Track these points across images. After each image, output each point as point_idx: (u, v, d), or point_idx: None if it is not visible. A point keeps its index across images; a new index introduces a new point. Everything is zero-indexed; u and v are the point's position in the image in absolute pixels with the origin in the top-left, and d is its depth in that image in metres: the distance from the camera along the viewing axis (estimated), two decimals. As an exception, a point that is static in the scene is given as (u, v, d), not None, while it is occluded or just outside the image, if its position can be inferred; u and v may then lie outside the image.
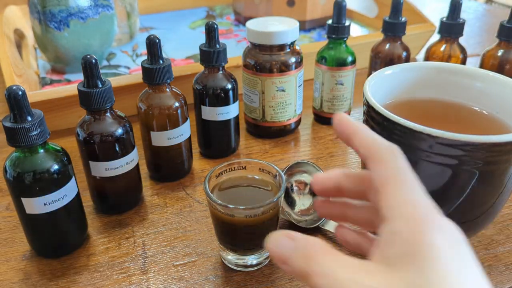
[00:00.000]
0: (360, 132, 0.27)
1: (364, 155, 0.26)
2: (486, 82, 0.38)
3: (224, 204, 0.32)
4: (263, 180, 0.38)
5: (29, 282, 0.37)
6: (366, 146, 0.26)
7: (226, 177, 0.38)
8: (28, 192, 0.35)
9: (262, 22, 0.53)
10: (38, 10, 0.66)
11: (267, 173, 0.37)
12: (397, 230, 0.23)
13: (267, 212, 0.33)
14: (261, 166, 0.37)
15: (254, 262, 0.37)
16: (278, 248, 0.24)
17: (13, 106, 0.32)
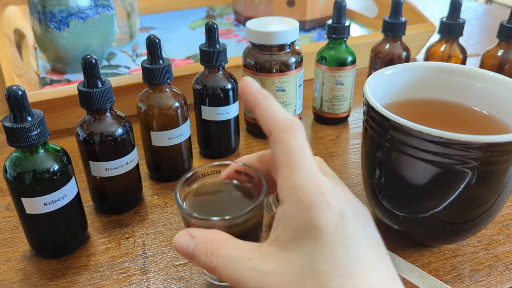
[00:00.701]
0: (262, 105, 0.26)
1: (266, 131, 0.26)
2: (486, 82, 0.38)
3: (201, 217, 0.27)
4: (240, 185, 0.33)
5: (29, 282, 0.37)
6: (266, 122, 0.26)
7: (200, 183, 0.33)
8: (28, 192, 0.35)
9: (262, 22, 0.53)
10: (38, 10, 0.66)
11: (244, 176, 0.32)
12: (288, 214, 0.24)
13: (250, 220, 0.29)
14: (238, 169, 0.32)
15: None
16: (182, 246, 0.25)
17: (13, 106, 0.32)
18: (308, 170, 0.24)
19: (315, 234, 0.23)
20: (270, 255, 0.24)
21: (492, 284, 0.35)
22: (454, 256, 0.38)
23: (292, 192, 0.24)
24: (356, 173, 0.49)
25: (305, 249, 0.23)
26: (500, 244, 0.39)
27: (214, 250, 0.24)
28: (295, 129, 0.25)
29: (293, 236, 0.23)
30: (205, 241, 0.25)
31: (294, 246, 0.23)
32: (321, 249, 0.22)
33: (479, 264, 0.37)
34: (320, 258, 0.22)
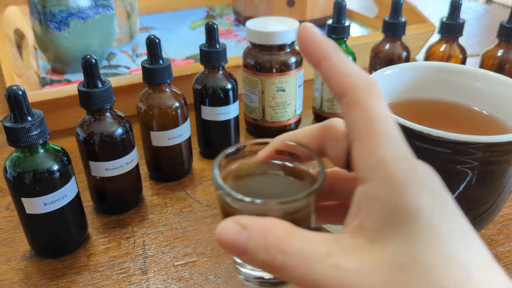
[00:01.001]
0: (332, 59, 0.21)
1: (336, 92, 0.21)
2: (486, 82, 0.38)
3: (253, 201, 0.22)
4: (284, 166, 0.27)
5: (29, 282, 0.37)
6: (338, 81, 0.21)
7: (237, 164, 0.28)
8: (28, 192, 0.35)
9: (262, 22, 0.53)
10: (38, 10, 0.66)
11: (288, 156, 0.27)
12: (375, 195, 0.19)
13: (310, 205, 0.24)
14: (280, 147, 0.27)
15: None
16: (230, 239, 0.20)
17: (13, 106, 0.32)
18: (396, 141, 0.20)
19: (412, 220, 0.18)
20: (356, 249, 0.19)
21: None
22: (454, 256, 0.38)
23: (378, 168, 0.19)
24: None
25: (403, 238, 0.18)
26: (500, 244, 0.39)
27: (279, 244, 0.19)
28: (377, 91, 0.20)
29: (384, 222, 0.19)
30: (263, 232, 0.19)
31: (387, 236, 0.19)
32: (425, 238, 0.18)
33: (479, 264, 0.37)
34: (425, 250, 0.18)
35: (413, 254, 0.18)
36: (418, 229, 0.18)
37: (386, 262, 0.18)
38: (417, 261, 0.18)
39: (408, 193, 0.18)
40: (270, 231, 0.19)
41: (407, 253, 0.18)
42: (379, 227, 0.19)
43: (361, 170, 0.20)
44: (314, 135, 0.25)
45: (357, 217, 0.20)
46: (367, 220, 0.19)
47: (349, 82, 0.20)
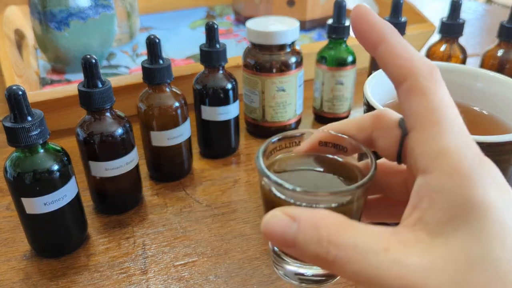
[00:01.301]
0: (390, 42, 0.20)
1: (394, 77, 0.20)
2: (486, 82, 0.38)
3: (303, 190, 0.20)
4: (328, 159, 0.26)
5: (29, 282, 0.37)
6: (398, 65, 0.19)
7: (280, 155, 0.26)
8: (28, 192, 0.35)
9: (262, 22, 0.53)
10: (39, 10, 0.66)
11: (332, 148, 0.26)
12: (438, 187, 0.18)
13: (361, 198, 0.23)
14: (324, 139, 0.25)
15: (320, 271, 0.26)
16: (278, 230, 0.18)
17: (13, 106, 0.32)
18: (461, 130, 0.18)
19: (481, 213, 0.17)
20: (417, 244, 0.18)
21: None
22: (454, 256, 0.38)
23: (442, 159, 0.18)
24: (356, 173, 0.49)
25: (470, 233, 0.17)
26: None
27: (332, 236, 0.18)
28: (439, 77, 0.19)
29: (448, 216, 0.17)
30: (314, 224, 0.18)
31: (452, 230, 0.17)
32: (495, 233, 0.17)
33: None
34: (495, 245, 0.17)
35: (482, 249, 0.17)
36: (488, 223, 0.17)
37: (452, 259, 0.17)
38: (486, 257, 0.17)
39: (477, 186, 0.17)
40: (322, 222, 0.18)
41: (476, 249, 0.17)
42: (443, 221, 0.18)
43: (422, 160, 0.19)
44: (362, 125, 0.24)
45: (417, 209, 0.18)
46: (429, 213, 0.18)
47: (409, 67, 0.19)
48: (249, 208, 0.45)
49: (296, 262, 0.25)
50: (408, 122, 0.20)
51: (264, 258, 0.38)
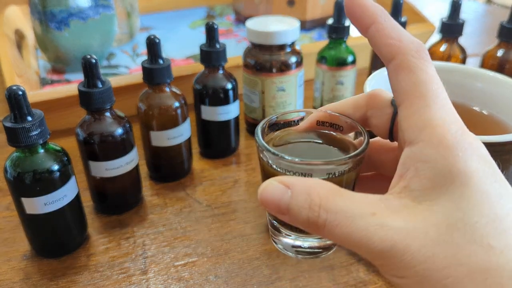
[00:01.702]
0: (381, 22, 0.21)
1: (384, 56, 0.21)
2: (486, 82, 0.38)
3: (298, 160, 0.22)
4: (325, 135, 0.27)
5: (29, 282, 0.37)
6: (387, 43, 0.21)
7: (278, 133, 0.28)
8: (28, 192, 0.35)
9: (262, 21, 0.53)
10: (39, 10, 0.66)
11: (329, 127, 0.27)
12: (423, 157, 0.19)
13: (353, 170, 0.24)
14: (321, 118, 0.27)
15: (316, 244, 0.27)
16: (273, 197, 0.20)
17: (13, 106, 0.32)
18: (446, 104, 0.20)
19: (462, 181, 0.18)
20: (402, 209, 0.19)
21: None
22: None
23: (427, 130, 0.19)
24: (356, 173, 0.49)
25: (451, 199, 0.18)
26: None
27: (322, 202, 0.19)
28: (426, 54, 0.20)
29: (432, 184, 0.19)
30: (307, 191, 0.19)
31: (435, 196, 0.18)
32: (474, 199, 0.18)
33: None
34: (474, 211, 0.18)
35: (462, 215, 0.18)
36: (469, 191, 0.18)
37: (433, 222, 0.18)
38: (466, 221, 0.18)
39: (459, 157, 0.18)
40: (314, 190, 0.19)
41: (456, 214, 0.18)
42: (427, 188, 0.19)
43: (409, 132, 0.20)
44: (357, 104, 0.25)
45: (403, 178, 0.20)
46: (414, 181, 0.19)
47: (398, 45, 0.20)
48: (249, 208, 0.45)
49: (292, 234, 0.26)
50: (397, 98, 0.21)
51: (264, 258, 0.38)
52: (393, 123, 0.23)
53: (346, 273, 0.37)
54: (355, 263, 0.38)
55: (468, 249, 0.17)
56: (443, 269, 0.17)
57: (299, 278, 0.36)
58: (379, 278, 0.36)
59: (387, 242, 0.18)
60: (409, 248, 0.18)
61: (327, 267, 0.37)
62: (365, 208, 0.19)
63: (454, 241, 0.18)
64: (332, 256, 0.38)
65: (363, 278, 0.36)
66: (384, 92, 0.24)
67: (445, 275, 0.17)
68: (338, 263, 0.38)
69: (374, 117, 0.24)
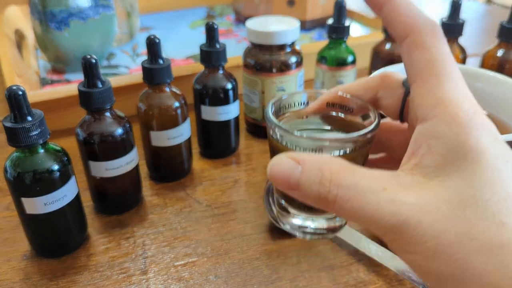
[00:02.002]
0: (396, 0, 0.21)
1: (398, 34, 0.21)
2: (486, 82, 0.38)
3: (309, 136, 0.22)
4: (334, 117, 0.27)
5: (29, 282, 0.37)
6: (401, 22, 0.21)
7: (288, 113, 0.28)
8: (28, 192, 0.35)
9: (262, 21, 0.53)
10: (39, 10, 0.66)
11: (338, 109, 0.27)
12: (435, 133, 0.19)
13: (364, 148, 0.24)
14: (331, 100, 0.26)
15: (325, 225, 0.27)
16: (283, 172, 0.19)
17: (13, 106, 0.32)
18: (459, 82, 0.20)
19: (474, 158, 0.18)
20: (414, 185, 0.19)
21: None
22: (454, 256, 0.38)
23: (440, 107, 0.19)
24: (356, 173, 0.49)
25: (463, 176, 0.18)
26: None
27: (333, 177, 0.19)
28: (440, 33, 0.21)
29: (444, 160, 0.19)
30: (318, 166, 0.19)
31: (447, 173, 0.18)
32: (486, 176, 0.18)
33: (479, 264, 0.37)
34: (486, 188, 0.18)
35: (474, 191, 0.18)
36: (481, 168, 0.18)
37: (445, 198, 0.18)
38: (478, 198, 0.18)
39: (472, 134, 0.18)
40: (325, 165, 0.19)
41: (468, 190, 0.18)
42: (439, 165, 0.19)
43: (421, 109, 0.20)
44: (368, 85, 0.25)
45: (415, 155, 0.20)
46: (426, 158, 0.19)
47: (412, 23, 0.21)
48: (249, 208, 0.45)
49: (300, 214, 0.26)
50: (410, 76, 0.21)
51: (264, 258, 0.38)
52: (404, 104, 0.24)
53: (346, 273, 0.37)
54: (355, 263, 0.38)
55: (480, 225, 0.17)
56: (454, 244, 0.17)
57: (299, 278, 0.36)
58: (379, 278, 0.36)
59: (399, 217, 0.18)
60: (420, 223, 0.18)
61: (327, 267, 0.37)
62: (377, 184, 0.19)
63: (466, 217, 0.18)
64: (332, 256, 0.38)
65: (363, 278, 0.36)
66: (395, 73, 0.24)
67: (457, 250, 0.17)
68: (338, 263, 0.38)
69: (385, 98, 0.24)
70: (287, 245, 0.40)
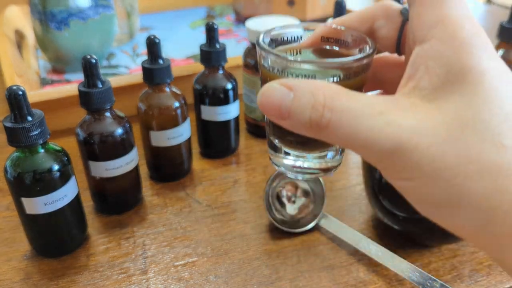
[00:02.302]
0: None
1: None
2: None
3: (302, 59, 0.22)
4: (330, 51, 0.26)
5: (29, 281, 0.37)
6: None
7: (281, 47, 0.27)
8: (28, 192, 0.35)
9: (262, 21, 0.53)
10: (39, 10, 0.66)
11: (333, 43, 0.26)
12: (434, 54, 0.18)
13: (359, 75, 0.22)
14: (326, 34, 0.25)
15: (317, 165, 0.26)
16: (274, 99, 0.18)
17: (13, 106, 0.32)
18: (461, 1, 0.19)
19: (474, 79, 0.17)
20: (411, 108, 0.18)
21: (491, 283, 0.35)
22: (454, 256, 0.38)
23: (441, 26, 0.18)
24: (356, 173, 0.49)
25: (462, 97, 0.17)
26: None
27: (327, 101, 0.18)
28: None
29: (443, 81, 0.18)
30: (310, 91, 0.18)
31: (445, 94, 0.18)
32: (486, 97, 0.17)
33: (478, 263, 0.37)
34: (486, 109, 0.17)
35: (473, 112, 0.17)
36: (481, 89, 0.17)
37: (444, 120, 0.17)
38: (478, 119, 0.17)
39: (473, 53, 0.18)
40: (318, 90, 0.18)
41: (467, 112, 0.17)
42: (438, 86, 0.18)
43: (420, 29, 0.19)
44: (364, 16, 0.24)
45: (412, 78, 0.19)
46: (424, 80, 0.18)
47: None
48: (249, 208, 0.45)
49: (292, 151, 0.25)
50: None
51: (264, 258, 0.38)
52: (401, 34, 0.23)
53: (346, 273, 0.37)
54: (355, 263, 0.38)
55: (479, 147, 0.17)
56: (453, 167, 0.17)
57: (299, 278, 0.36)
58: (379, 278, 0.36)
59: (395, 140, 0.17)
60: (417, 146, 0.17)
61: (327, 267, 0.37)
62: (372, 108, 0.18)
63: (465, 139, 0.17)
64: (332, 256, 0.38)
65: (363, 278, 0.36)
66: (393, 3, 0.24)
67: (455, 173, 0.17)
68: (338, 263, 0.38)
69: (382, 28, 0.23)
70: (287, 245, 0.40)
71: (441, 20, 0.18)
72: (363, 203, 0.44)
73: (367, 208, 0.43)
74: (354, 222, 0.42)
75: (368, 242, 0.38)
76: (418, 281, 0.34)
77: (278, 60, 0.21)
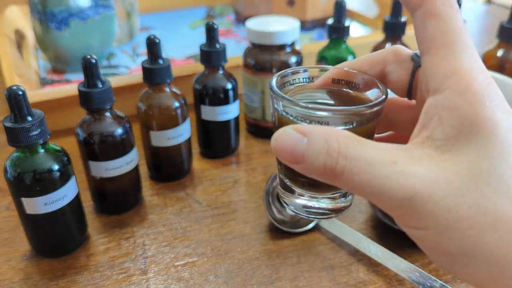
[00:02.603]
0: None
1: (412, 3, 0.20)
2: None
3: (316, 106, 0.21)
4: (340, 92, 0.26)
5: (29, 282, 0.37)
6: None
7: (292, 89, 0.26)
8: (28, 192, 0.35)
9: (262, 21, 0.53)
10: (39, 10, 0.66)
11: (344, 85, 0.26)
12: (448, 105, 0.18)
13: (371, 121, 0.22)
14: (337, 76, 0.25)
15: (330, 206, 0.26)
16: (288, 144, 0.18)
17: (13, 106, 0.32)
18: (474, 54, 0.19)
19: (488, 131, 0.17)
20: (424, 158, 0.18)
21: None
22: (454, 256, 0.38)
23: (454, 78, 0.18)
24: (356, 173, 0.49)
25: (476, 149, 0.17)
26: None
27: (341, 148, 0.18)
28: (454, 2, 0.20)
29: (456, 133, 0.18)
30: (325, 137, 0.18)
31: (459, 145, 0.18)
32: (500, 149, 0.17)
33: (479, 264, 0.37)
34: (500, 162, 0.17)
35: (488, 164, 0.17)
36: (495, 140, 0.17)
37: (458, 171, 0.17)
38: (492, 172, 0.17)
39: (486, 105, 0.18)
40: (332, 136, 0.18)
41: (481, 164, 0.17)
42: (451, 137, 0.18)
43: (434, 80, 0.19)
44: (375, 60, 0.24)
45: (425, 128, 0.19)
46: (438, 130, 0.18)
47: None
48: (249, 208, 0.45)
49: (305, 193, 0.25)
50: (423, 45, 0.20)
51: (264, 258, 0.38)
52: (412, 79, 0.23)
53: (346, 273, 0.37)
54: (355, 263, 0.38)
55: (493, 199, 0.17)
56: (467, 219, 0.17)
57: (299, 278, 0.36)
58: (379, 278, 0.36)
59: (409, 190, 0.17)
60: (432, 197, 0.17)
61: (327, 267, 0.37)
62: (386, 156, 0.18)
63: (479, 191, 0.17)
64: (332, 256, 0.38)
65: (363, 278, 0.36)
66: (404, 48, 0.24)
67: (470, 225, 0.17)
68: (338, 263, 0.38)
69: (393, 72, 0.24)
70: (287, 245, 0.40)
71: (455, 71, 0.18)
72: (363, 203, 0.44)
73: (367, 208, 0.44)
74: (354, 222, 0.42)
75: (368, 242, 0.38)
76: (418, 281, 0.34)
77: (291, 105, 0.22)
